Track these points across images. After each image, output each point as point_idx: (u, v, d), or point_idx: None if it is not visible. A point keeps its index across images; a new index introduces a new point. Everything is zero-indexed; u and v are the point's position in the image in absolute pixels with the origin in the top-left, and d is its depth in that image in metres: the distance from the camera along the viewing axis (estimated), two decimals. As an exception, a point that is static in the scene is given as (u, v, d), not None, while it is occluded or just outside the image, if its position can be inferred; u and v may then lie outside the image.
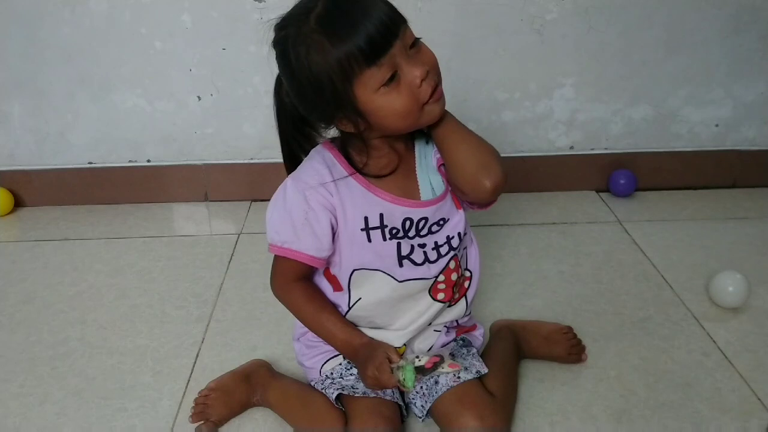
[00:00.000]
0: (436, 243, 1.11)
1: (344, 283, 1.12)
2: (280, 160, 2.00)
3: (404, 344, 1.16)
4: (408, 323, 1.14)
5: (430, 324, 1.18)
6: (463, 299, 1.20)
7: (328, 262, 1.12)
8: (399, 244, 1.08)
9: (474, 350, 1.24)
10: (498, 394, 1.16)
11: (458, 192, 1.10)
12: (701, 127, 2.07)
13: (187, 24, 1.88)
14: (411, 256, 1.09)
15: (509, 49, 1.94)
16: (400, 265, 1.09)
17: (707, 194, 2.11)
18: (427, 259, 1.10)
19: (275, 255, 1.11)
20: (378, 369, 1.01)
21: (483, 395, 1.14)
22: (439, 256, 1.11)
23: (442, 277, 1.13)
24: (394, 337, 1.15)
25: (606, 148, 2.10)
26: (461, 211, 1.13)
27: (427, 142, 1.13)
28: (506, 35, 1.92)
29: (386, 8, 0.94)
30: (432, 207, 1.09)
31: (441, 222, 1.11)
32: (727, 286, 1.50)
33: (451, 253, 1.12)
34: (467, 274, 1.19)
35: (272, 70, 1.04)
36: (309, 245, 1.07)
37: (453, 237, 1.12)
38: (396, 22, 0.94)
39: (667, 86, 2.01)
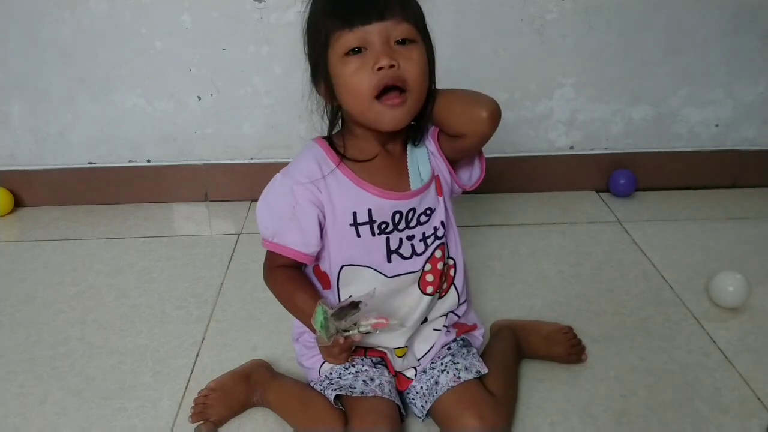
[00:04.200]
0: (424, 234, 1.12)
1: (333, 280, 1.12)
2: (280, 159, 2.04)
3: (406, 345, 1.17)
4: (403, 320, 1.14)
5: (426, 320, 1.19)
6: (453, 289, 1.20)
7: (317, 258, 1.12)
8: (388, 239, 1.09)
9: (474, 350, 1.24)
10: (498, 393, 1.17)
11: (458, 141, 1.08)
12: (701, 127, 2.07)
13: (187, 24, 1.88)
14: (399, 251, 1.10)
15: (509, 49, 1.94)
16: (389, 260, 1.10)
17: (707, 194, 2.11)
18: (414, 252, 1.12)
19: (265, 248, 1.13)
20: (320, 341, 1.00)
21: (483, 395, 1.14)
22: (426, 246, 1.12)
23: (428, 267, 1.13)
24: (393, 338, 1.15)
25: (606, 148, 2.10)
26: (441, 198, 1.13)
27: (416, 144, 1.14)
28: (506, 35, 1.92)
29: None
30: (417, 197, 1.10)
31: (428, 212, 1.12)
32: (727, 286, 1.50)
33: (437, 242, 1.13)
34: (450, 262, 1.19)
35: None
36: (295, 240, 1.08)
37: (438, 228, 1.13)
38: (389, 8, 0.97)
39: (667, 86, 2.01)
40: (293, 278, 1.13)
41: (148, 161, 2.06)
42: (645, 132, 2.07)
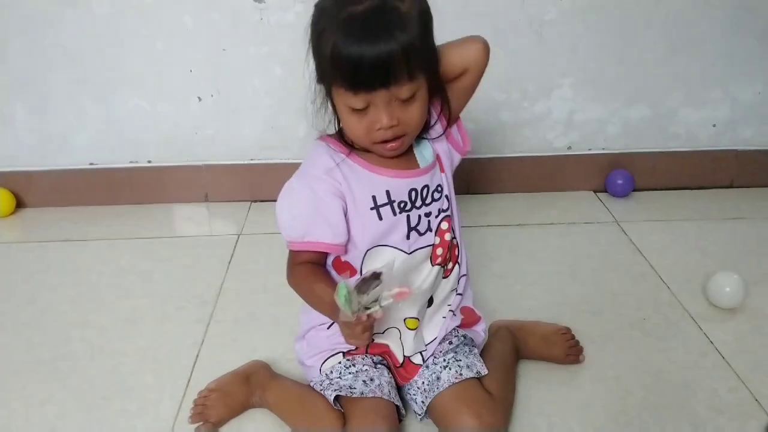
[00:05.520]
0: (439, 210, 1.15)
1: (358, 265, 1.14)
2: (280, 160, 2.05)
3: (417, 317, 1.19)
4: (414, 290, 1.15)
5: (432, 301, 1.20)
6: (457, 266, 1.22)
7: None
8: (408, 217, 1.12)
9: (476, 350, 1.25)
10: (496, 393, 1.17)
11: (460, 82, 1.12)
12: (699, 127, 2.08)
13: (188, 25, 1.89)
14: (418, 227, 1.13)
15: (507, 50, 1.94)
16: (408, 237, 1.12)
17: (704, 194, 2.11)
18: (429, 228, 1.14)
19: (289, 250, 1.14)
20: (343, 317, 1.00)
21: (481, 394, 1.15)
22: (438, 221, 1.16)
23: (437, 241, 1.16)
24: (405, 308, 1.17)
25: (603, 149, 2.10)
26: (444, 175, 1.17)
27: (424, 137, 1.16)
28: (504, 36, 1.92)
29: (398, 58, 0.95)
30: (428, 174, 1.14)
31: (440, 188, 1.15)
32: (724, 287, 1.50)
33: (443, 215, 1.16)
34: (455, 241, 1.21)
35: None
36: (325, 233, 1.10)
37: (444, 201, 1.17)
38: (393, 74, 0.96)
39: (665, 87, 2.02)
40: (313, 272, 1.13)
41: (149, 162, 2.07)
42: (642, 132, 2.08)
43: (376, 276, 0.98)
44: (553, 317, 1.47)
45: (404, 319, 1.19)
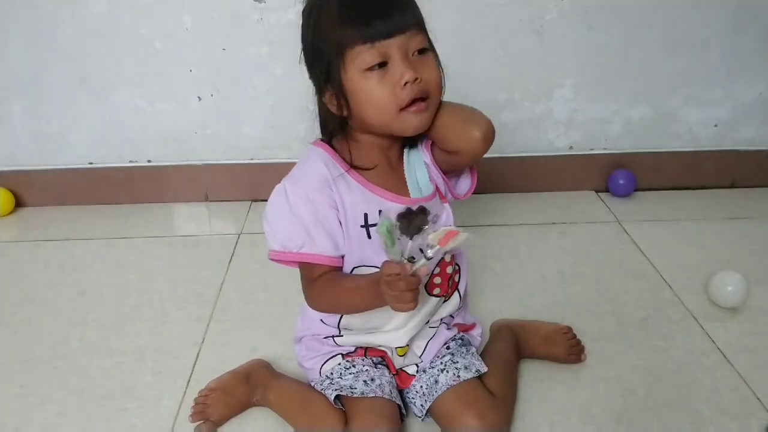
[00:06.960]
0: None
1: None
2: (280, 160, 2.04)
3: (407, 344, 1.17)
4: (406, 320, 1.14)
5: (428, 321, 1.19)
6: (456, 293, 1.21)
7: None
8: None
9: (473, 349, 1.24)
10: (498, 393, 1.17)
11: (451, 157, 1.09)
12: (700, 127, 2.08)
13: (188, 24, 1.88)
14: None
15: (509, 50, 1.94)
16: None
17: (706, 194, 2.11)
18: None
19: (300, 268, 1.11)
20: (387, 268, 0.94)
21: (483, 394, 1.14)
22: None
23: (437, 270, 1.13)
24: (394, 338, 1.16)
25: (605, 149, 2.10)
26: (446, 205, 1.14)
27: (411, 147, 1.13)
28: (506, 36, 1.92)
29: (405, 6, 0.98)
30: (426, 204, 1.09)
31: (435, 219, 1.11)
32: (726, 286, 1.50)
33: None
34: (456, 267, 1.19)
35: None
36: (326, 246, 1.06)
37: None
38: (406, 20, 0.98)
39: (667, 86, 2.02)
40: (336, 275, 1.09)
41: (149, 161, 2.07)
42: (644, 132, 2.08)
43: (422, 210, 0.95)
44: (554, 317, 1.47)
45: (394, 348, 1.19)
